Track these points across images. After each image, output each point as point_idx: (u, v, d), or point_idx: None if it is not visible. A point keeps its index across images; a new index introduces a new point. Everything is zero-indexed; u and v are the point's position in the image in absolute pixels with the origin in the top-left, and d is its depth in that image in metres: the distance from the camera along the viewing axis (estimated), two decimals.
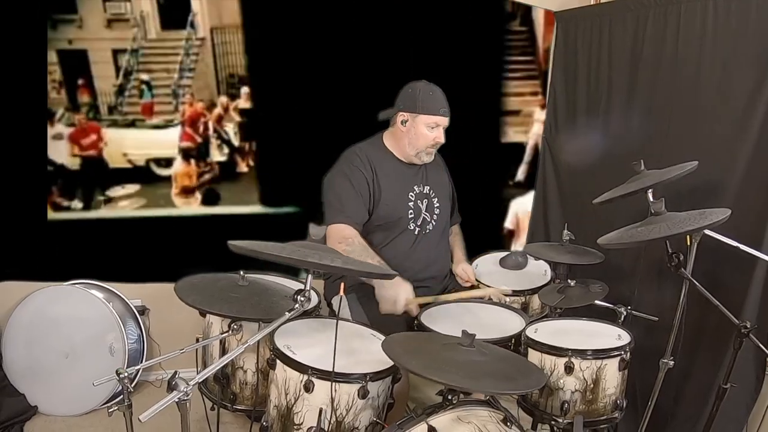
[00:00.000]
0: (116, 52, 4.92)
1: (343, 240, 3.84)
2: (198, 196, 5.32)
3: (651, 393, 3.64)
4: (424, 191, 4.27)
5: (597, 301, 3.84)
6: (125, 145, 5.15)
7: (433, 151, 4.18)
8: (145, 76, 5.03)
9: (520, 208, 6.02)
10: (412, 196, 4.20)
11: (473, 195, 5.22)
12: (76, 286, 4.98)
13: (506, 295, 4.27)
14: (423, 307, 3.86)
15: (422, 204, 4.24)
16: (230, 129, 5.28)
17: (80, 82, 4.89)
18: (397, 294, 3.69)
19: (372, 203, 4.11)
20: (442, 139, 4.11)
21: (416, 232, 4.22)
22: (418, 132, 4.07)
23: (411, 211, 4.17)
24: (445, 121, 4.06)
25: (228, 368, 3.55)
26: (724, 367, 3.52)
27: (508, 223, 6.03)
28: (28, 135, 4.79)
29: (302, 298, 2.69)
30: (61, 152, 4.97)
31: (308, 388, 2.91)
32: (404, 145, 4.18)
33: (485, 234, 5.75)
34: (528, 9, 5.66)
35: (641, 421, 3.77)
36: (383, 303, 3.76)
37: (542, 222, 5.65)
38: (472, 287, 4.41)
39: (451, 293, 4.15)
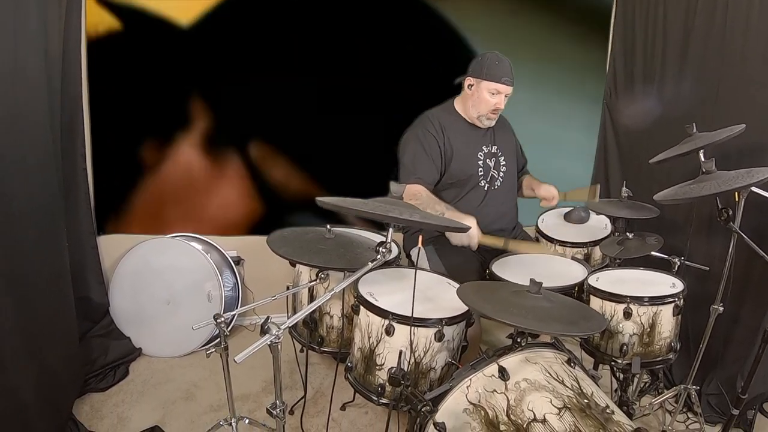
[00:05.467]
0: None
1: (412, 197, 3.87)
2: None
3: (702, 336, 3.69)
4: (492, 151, 4.27)
5: (653, 252, 3.84)
6: None
7: (494, 116, 4.16)
8: None
9: None
10: (480, 155, 4.21)
11: None
12: (177, 238, 5.06)
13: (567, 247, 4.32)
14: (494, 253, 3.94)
15: (491, 162, 4.25)
16: None
17: None
18: (470, 231, 3.72)
19: (443, 164, 4.13)
20: (502, 106, 4.10)
21: (486, 188, 4.23)
22: (481, 97, 4.07)
23: (480, 169, 4.18)
24: (506, 89, 4.03)
25: (316, 314, 3.63)
26: None
27: None
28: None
29: (384, 250, 2.68)
30: None
31: (389, 331, 2.98)
32: (469, 108, 4.18)
33: None
34: None
35: (693, 362, 3.82)
36: (454, 238, 3.82)
37: (603, 180, 5.61)
38: (537, 240, 4.49)
39: (519, 241, 4.17)
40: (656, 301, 3.38)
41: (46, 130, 3.75)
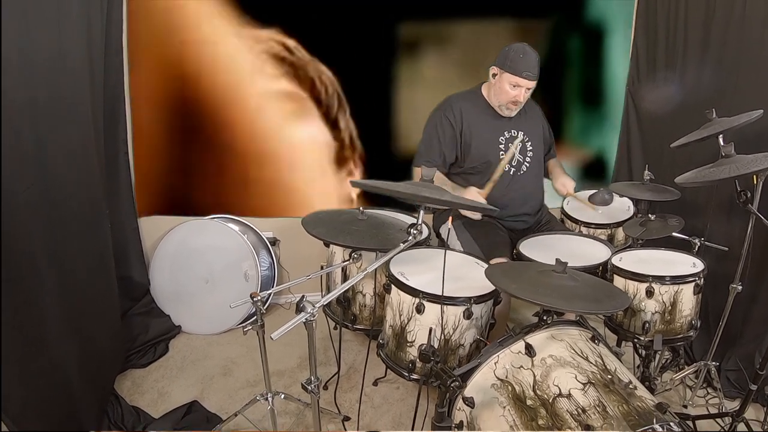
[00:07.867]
0: None
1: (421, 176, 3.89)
2: None
3: (722, 314, 3.71)
4: (517, 135, 4.19)
5: (674, 233, 3.84)
6: None
7: (515, 107, 4.10)
8: None
9: None
10: (502, 140, 4.16)
11: None
12: (215, 220, 5.08)
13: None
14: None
15: (515, 147, 4.19)
16: None
17: None
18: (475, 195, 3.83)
19: (461, 150, 4.15)
20: (521, 99, 4.03)
21: (511, 173, 4.19)
22: (502, 87, 4.02)
23: (502, 153, 4.11)
24: (527, 83, 3.96)
25: (349, 292, 3.65)
26: None
27: None
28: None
29: (415, 231, 2.70)
30: None
31: (420, 309, 3.00)
32: (492, 96, 4.15)
33: None
34: None
35: (713, 339, 3.85)
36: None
37: (626, 163, 5.58)
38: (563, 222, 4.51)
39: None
40: (677, 280, 3.38)
41: (89, 115, 3.78)
